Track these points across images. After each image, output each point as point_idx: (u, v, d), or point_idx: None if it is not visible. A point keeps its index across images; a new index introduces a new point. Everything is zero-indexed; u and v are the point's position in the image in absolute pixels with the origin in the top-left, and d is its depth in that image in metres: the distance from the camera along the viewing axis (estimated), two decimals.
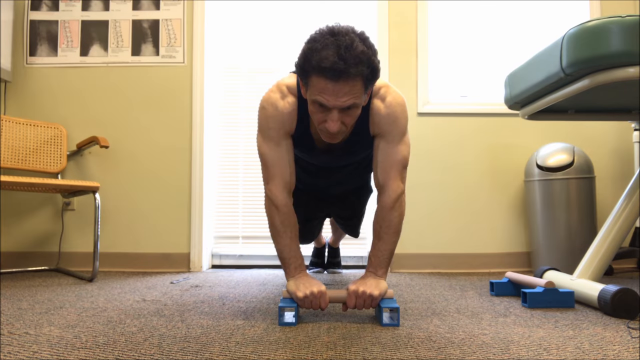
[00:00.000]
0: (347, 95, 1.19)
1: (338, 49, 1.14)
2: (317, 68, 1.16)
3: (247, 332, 1.22)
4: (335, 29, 1.19)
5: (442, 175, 2.61)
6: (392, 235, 1.40)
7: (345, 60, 1.14)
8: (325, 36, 1.18)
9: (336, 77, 1.16)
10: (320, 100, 1.21)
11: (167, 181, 2.58)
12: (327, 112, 1.24)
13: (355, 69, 1.15)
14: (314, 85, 1.21)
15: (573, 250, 2.24)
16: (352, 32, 1.18)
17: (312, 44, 1.19)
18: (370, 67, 1.19)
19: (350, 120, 1.27)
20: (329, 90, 1.18)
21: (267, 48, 2.73)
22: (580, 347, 1.09)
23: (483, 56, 2.71)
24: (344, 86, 1.17)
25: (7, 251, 2.55)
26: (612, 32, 1.27)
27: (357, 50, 1.15)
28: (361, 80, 1.19)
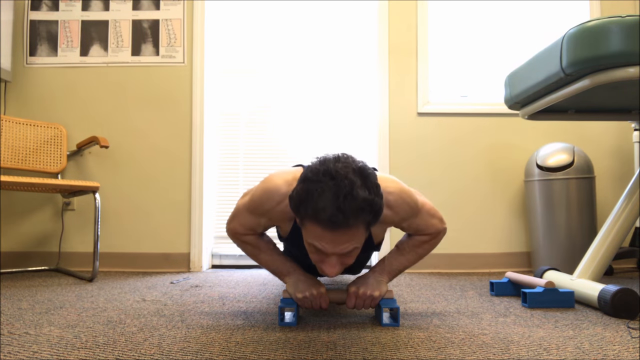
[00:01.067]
0: (346, 243, 1.09)
1: (336, 198, 1.02)
2: (313, 217, 1.05)
3: (247, 332, 1.22)
4: (333, 171, 1.05)
5: (442, 175, 2.61)
6: (413, 256, 1.38)
7: (344, 212, 1.02)
8: (322, 179, 1.05)
9: (334, 228, 1.05)
10: (317, 246, 1.10)
11: (167, 181, 2.58)
12: (324, 256, 1.13)
13: (356, 220, 1.04)
14: (310, 230, 1.09)
15: (573, 250, 2.24)
16: (352, 174, 1.05)
17: (308, 185, 1.06)
18: (373, 212, 1.07)
19: (350, 260, 1.16)
20: (327, 239, 1.07)
21: (267, 48, 2.73)
22: (580, 347, 1.09)
23: (483, 56, 2.71)
24: (342, 235, 1.07)
25: (7, 251, 2.55)
26: (612, 32, 1.27)
27: (358, 199, 1.03)
28: (363, 227, 1.08)
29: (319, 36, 2.73)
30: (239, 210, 1.34)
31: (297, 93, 2.72)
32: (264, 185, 1.26)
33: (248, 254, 1.42)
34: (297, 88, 2.72)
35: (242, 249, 1.41)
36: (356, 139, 2.70)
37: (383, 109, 2.61)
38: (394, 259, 1.39)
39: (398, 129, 2.61)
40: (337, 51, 2.72)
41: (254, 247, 1.39)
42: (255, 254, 1.40)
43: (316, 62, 2.72)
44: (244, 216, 1.32)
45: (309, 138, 2.70)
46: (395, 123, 2.61)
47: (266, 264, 1.41)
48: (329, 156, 1.13)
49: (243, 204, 1.33)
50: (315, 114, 2.71)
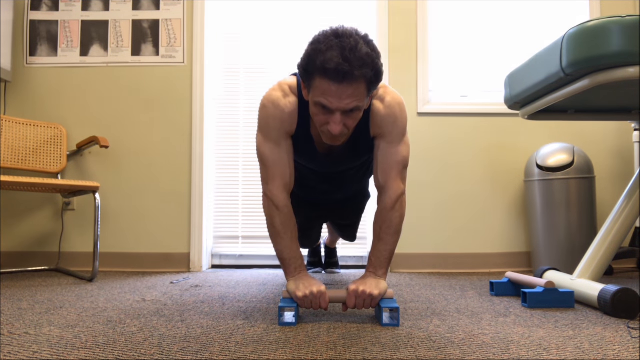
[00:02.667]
0: (350, 98, 1.18)
1: (342, 50, 1.13)
2: (321, 69, 1.15)
3: (247, 332, 1.22)
4: (340, 31, 1.18)
5: (442, 175, 2.61)
6: (393, 236, 1.40)
7: (349, 62, 1.13)
8: (329, 38, 1.17)
9: (340, 79, 1.15)
10: (323, 102, 1.20)
11: (167, 181, 2.59)
12: (329, 115, 1.23)
13: (360, 71, 1.14)
14: (317, 87, 1.20)
15: (573, 250, 2.24)
16: (356, 34, 1.18)
17: (316, 45, 1.18)
18: (374, 69, 1.18)
19: (352, 122, 1.26)
20: (333, 92, 1.17)
21: (267, 48, 2.73)
22: (580, 347, 1.09)
23: (483, 56, 2.71)
24: (347, 88, 1.16)
25: (7, 251, 2.55)
26: (612, 32, 1.27)
27: (362, 53, 1.14)
28: (365, 83, 1.18)
29: None
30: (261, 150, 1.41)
31: None
32: (263, 103, 1.41)
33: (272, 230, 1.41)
34: None
35: (270, 219, 1.41)
36: None
37: None
38: (379, 249, 1.40)
39: None
40: None
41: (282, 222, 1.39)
42: (279, 232, 1.40)
43: None
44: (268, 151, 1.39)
45: None
46: None
47: (283, 248, 1.41)
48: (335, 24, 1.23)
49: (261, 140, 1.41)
50: None
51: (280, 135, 1.39)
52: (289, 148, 1.42)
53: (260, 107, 1.42)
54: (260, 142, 1.42)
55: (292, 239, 1.41)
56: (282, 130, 1.39)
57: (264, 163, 1.42)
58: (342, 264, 2.57)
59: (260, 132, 1.42)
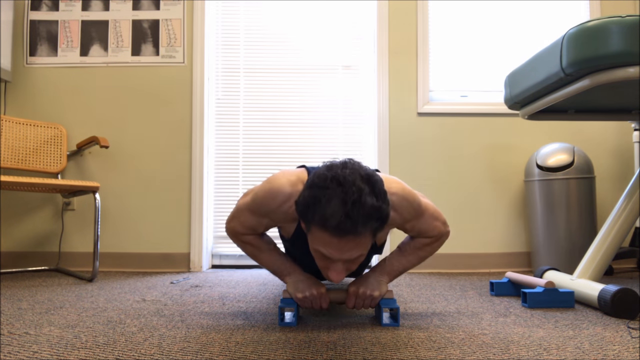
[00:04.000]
0: (353, 250, 1.08)
1: (344, 205, 1.00)
2: (321, 223, 1.03)
3: (247, 332, 1.22)
4: (341, 177, 1.04)
5: (442, 175, 2.61)
6: (415, 258, 1.39)
7: (352, 220, 1.01)
8: (330, 186, 1.03)
9: (341, 235, 1.04)
10: (323, 252, 1.10)
11: (167, 181, 2.59)
12: (330, 262, 1.13)
13: (364, 227, 1.03)
14: (316, 236, 1.08)
15: (573, 250, 2.24)
16: (359, 181, 1.04)
17: (315, 191, 1.04)
18: (380, 219, 1.05)
19: (355, 266, 1.16)
20: (334, 245, 1.06)
21: (267, 48, 2.73)
22: (580, 347, 1.09)
23: (483, 56, 2.71)
24: (349, 242, 1.05)
25: (7, 251, 2.55)
26: (612, 32, 1.27)
27: (367, 207, 1.01)
28: (370, 234, 1.07)
29: (319, 36, 2.72)
30: (240, 209, 1.33)
31: (297, 92, 2.72)
32: (267, 186, 1.24)
33: (248, 254, 1.42)
34: (297, 87, 2.72)
35: (242, 248, 1.41)
36: (356, 139, 2.70)
37: (383, 109, 2.61)
38: (395, 260, 1.39)
39: (398, 129, 2.61)
40: (337, 51, 2.72)
41: (255, 247, 1.39)
42: (255, 254, 1.40)
43: (316, 62, 2.72)
44: (245, 216, 1.31)
45: (309, 138, 2.70)
46: (395, 123, 2.61)
47: (266, 264, 1.41)
48: (336, 162, 1.11)
49: (244, 203, 1.31)
50: (315, 113, 2.71)
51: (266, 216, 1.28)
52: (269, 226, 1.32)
53: (264, 184, 1.26)
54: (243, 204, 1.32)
55: (271, 251, 1.38)
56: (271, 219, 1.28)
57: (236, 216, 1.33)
58: None
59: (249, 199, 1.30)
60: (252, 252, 1.40)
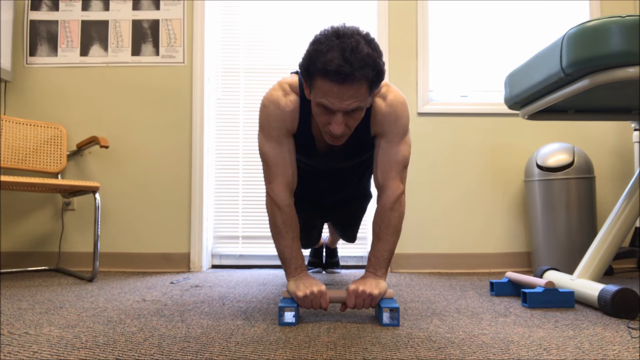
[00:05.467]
0: (351, 98, 1.18)
1: (343, 51, 1.13)
2: (322, 71, 1.15)
3: (247, 332, 1.22)
4: (341, 31, 1.17)
5: (442, 175, 2.61)
6: (392, 236, 1.39)
7: (350, 63, 1.12)
8: (330, 38, 1.17)
9: (341, 80, 1.14)
10: (324, 103, 1.20)
11: (167, 181, 2.59)
12: (331, 115, 1.23)
13: (361, 72, 1.14)
14: (319, 88, 1.19)
15: (573, 250, 2.24)
16: (357, 34, 1.17)
17: (317, 45, 1.18)
18: (376, 70, 1.18)
19: (354, 122, 1.26)
20: (334, 93, 1.17)
21: (267, 48, 2.73)
22: (580, 347, 1.09)
23: (483, 56, 2.71)
24: (349, 89, 1.16)
25: (7, 251, 2.55)
26: (612, 32, 1.27)
27: (363, 53, 1.14)
28: (366, 83, 1.18)
29: None
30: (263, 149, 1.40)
31: None
32: (263, 103, 1.40)
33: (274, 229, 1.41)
34: None
35: (272, 218, 1.41)
36: None
37: None
38: (378, 249, 1.39)
39: None
40: None
41: (284, 222, 1.39)
42: (281, 231, 1.40)
43: None
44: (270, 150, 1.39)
45: None
46: None
47: (284, 247, 1.40)
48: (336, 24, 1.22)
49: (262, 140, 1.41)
50: None
51: (281, 134, 1.39)
52: (290, 147, 1.42)
53: (261, 107, 1.41)
54: (261, 142, 1.42)
55: (293, 239, 1.41)
56: (284, 129, 1.39)
57: (266, 162, 1.42)
58: (342, 264, 2.57)
59: (261, 132, 1.42)
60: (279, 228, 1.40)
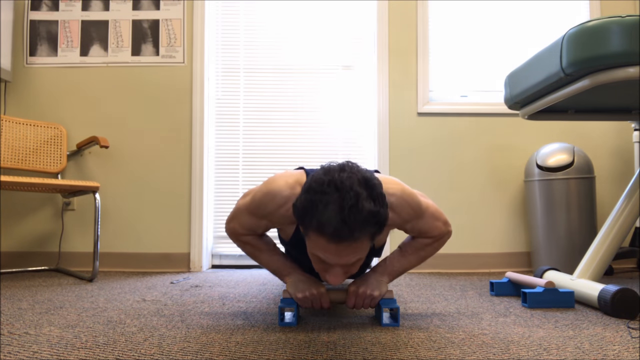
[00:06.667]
0: (350, 255, 1.07)
1: (341, 210, 1.00)
2: (318, 229, 1.03)
3: (247, 332, 1.22)
4: (338, 182, 1.03)
5: (442, 175, 2.61)
6: (415, 258, 1.38)
7: (349, 226, 1.00)
8: (327, 191, 1.02)
9: (339, 241, 1.03)
10: (320, 256, 1.10)
11: (167, 181, 2.59)
12: (328, 266, 1.13)
13: (361, 232, 1.02)
14: (314, 241, 1.07)
15: (573, 250, 2.24)
16: (357, 185, 1.03)
17: (313, 196, 1.04)
18: (379, 224, 1.05)
19: (354, 269, 1.16)
20: (331, 251, 1.06)
21: (267, 48, 2.73)
22: (580, 347, 1.09)
23: (483, 56, 2.71)
24: (347, 248, 1.05)
25: (7, 251, 2.55)
26: (612, 32, 1.27)
27: (364, 212, 1.01)
28: (368, 238, 1.07)
29: (319, 36, 2.72)
30: (239, 210, 1.33)
31: (297, 93, 2.72)
32: (266, 188, 1.24)
33: (248, 254, 1.42)
34: (297, 88, 2.72)
35: (242, 248, 1.41)
36: (356, 139, 2.70)
37: (383, 109, 2.61)
38: (396, 260, 1.38)
39: (398, 129, 2.61)
40: (337, 51, 2.72)
41: (254, 247, 1.39)
42: (255, 254, 1.41)
43: (316, 61, 2.72)
44: (244, 217, 1.31)
45: (309, 138, 2.70)
46: (395, 123, 2.62)
47: (266, 264, 1.41)
48: (334, 165, 1.09)
49: (244, 204, 1.31)
50: (315, 113, 2.71)
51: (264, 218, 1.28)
52: (268, 227, 1.32)
53: (263, 187, 1.25)
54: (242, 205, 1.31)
55: (270, 252, 1.39)
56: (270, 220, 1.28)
57: (235, 217, 1.34)
58: None
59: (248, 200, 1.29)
60: (252, 252, 1.41)
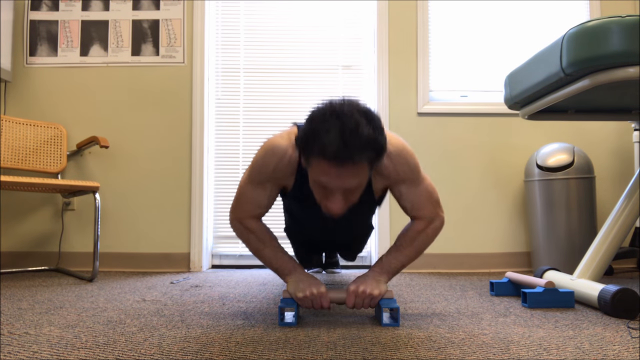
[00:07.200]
0: (351, 178, 1.12)
1: (342, 134, 1.06)
2: (320, 153, 1.08)
3: (247, 332, 1.22)
4: (338, 110, 1.10)
5: (442, 175, 2.61)
6: (411, 252, 1.38)
7: (349, 147, 1.06)
8: (328, 118, 1.09)
9: (340, 163, 1.08)
10: (322, 182, 1.14)
11: (167, 181, 2.59)
12: (329, 192, 1.17)
13: (360, 155, 1.08)
14: (316, 167, 1.13)
15: (573, 250, 2.24)
16: (357, 113, 1.10)
17: (314, 124, 1.11)
18: (377, 150, 1.11)
19: (355, 197, 1.20)
20: (332, 174, 1.11)
21: (267, 48, 2.73)
22: (580, 347, 1.09)
23: (483, 56, 2.71)
24: (347, 170, 1.10)
25: (7, 251, 2.55)
26: (612, 32, 1.27)
27: (363, 136, 1.07)
28: (367, 163, 1.12)
29: (319, 36, 2.72)
30: (241, 188, 1.37)
31: (297, 93, 2.72)
32: (263, 148, 1.33)
33: (252, 248, 1.41)
34: (297, 88, 2.72)
35: (246, 241, 1.41)
36: None
37: (383, 109, 2.61)
38: (392, 257, 1.39)
39: (398, 129, 2.61)
40: (337, 51, 2.72)
41: (259, 239, 1.39)
42: (259, 248, 1.40)
43: (316, 61, 2.72)
44: (249, 191, 1.35)
45: None
46: (395, 123, 2.61)
47: (269, 261, 1.41)
48: (334, 99, 1.17)
49: (245, 178, 1.36)
50: None
51: (267, 180, 1.34)
52: (272, 194, 1.36)
53: (261, 150, 1.34)
54: (244, 180, 1.37)
55: (274, 249, 1.40)
56: (273, 179, 1.34)
57: (238, 198, 1.38)
58: (342, 264, 2.57)
59: (249, 171, 1.36)
60: (256, 247, 1.40)
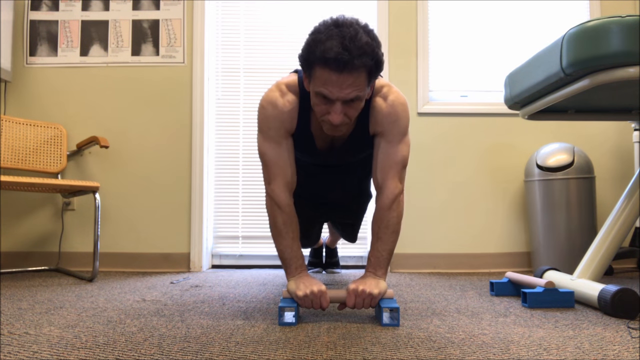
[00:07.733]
0: (350, 87, 1.19)
1: (342, 39, 1.15)
2: (321, 59, 1.16)
3: (247, 332, 1.22)
4: (340, 21, 1.20)
5: (442, 175, 2.61)
6: (391, 235, 1.40)
7: (349, 51, 1.14)
8: (329, 27, 1.19)
9: (340, 68, 1.15)
10: (323, 92, 1.21)
11: (167, 181, 2.59)
12: (330, 104, 1.23)
13: (360, 60, 1.15)
14: (318, 77, 1.20)
15: (573, 250, 2.24)
16: (356, 24, 1.20)
17: (316, 35, 1.20)
18: (375, 59, 1.19)
19: (353, 112, 1.26)
20: (333, 82, 1.18)
21: (267, 48, 2.73)
22: (580, 347, 1.09)
23: (483, 56, 2.71)
24: (348, 77, 1.17)
25: (7, 251, 2.55)
26: (612, 32, 1.27)
27: (362, 42, 1.16)
28: (365, 72, 1.19)
29: None
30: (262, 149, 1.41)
31: None
32: (261, 103, 1.41)
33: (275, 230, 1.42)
34: None
35: (273, 220, 1.42)
36: None
37: None
38: (376, 249, 1.40)
39: None
40: None
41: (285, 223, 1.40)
42: (281, 232, 1.40)
43: None
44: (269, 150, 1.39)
45: None
46: None
47: (284, 248, 1.41)
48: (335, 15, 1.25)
49: (261, 141, 1.41)
50: None
51: (279, 134, 1.40)
52: (289, 147, 1.42)
53: (259, 108, 1.42)
54: (261, 143, 1.42)
55: (293, 239, 1.42)
56: (282, 130, 1.40)
57: (265, 163, 1.43)
58: (342, 264, 2.57)
59: (260, 132, 1.43)
60: (280, 229, 1.40)
